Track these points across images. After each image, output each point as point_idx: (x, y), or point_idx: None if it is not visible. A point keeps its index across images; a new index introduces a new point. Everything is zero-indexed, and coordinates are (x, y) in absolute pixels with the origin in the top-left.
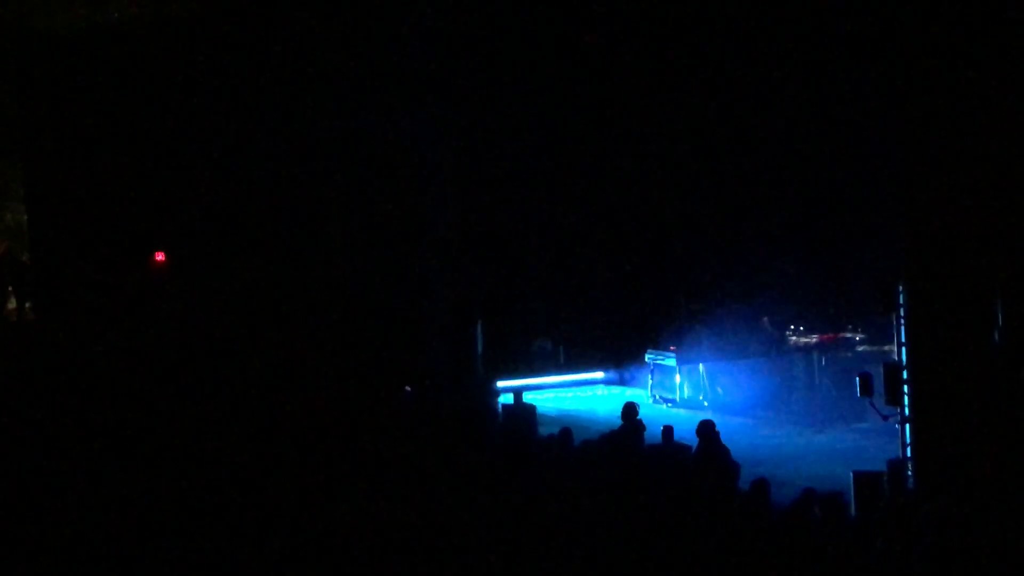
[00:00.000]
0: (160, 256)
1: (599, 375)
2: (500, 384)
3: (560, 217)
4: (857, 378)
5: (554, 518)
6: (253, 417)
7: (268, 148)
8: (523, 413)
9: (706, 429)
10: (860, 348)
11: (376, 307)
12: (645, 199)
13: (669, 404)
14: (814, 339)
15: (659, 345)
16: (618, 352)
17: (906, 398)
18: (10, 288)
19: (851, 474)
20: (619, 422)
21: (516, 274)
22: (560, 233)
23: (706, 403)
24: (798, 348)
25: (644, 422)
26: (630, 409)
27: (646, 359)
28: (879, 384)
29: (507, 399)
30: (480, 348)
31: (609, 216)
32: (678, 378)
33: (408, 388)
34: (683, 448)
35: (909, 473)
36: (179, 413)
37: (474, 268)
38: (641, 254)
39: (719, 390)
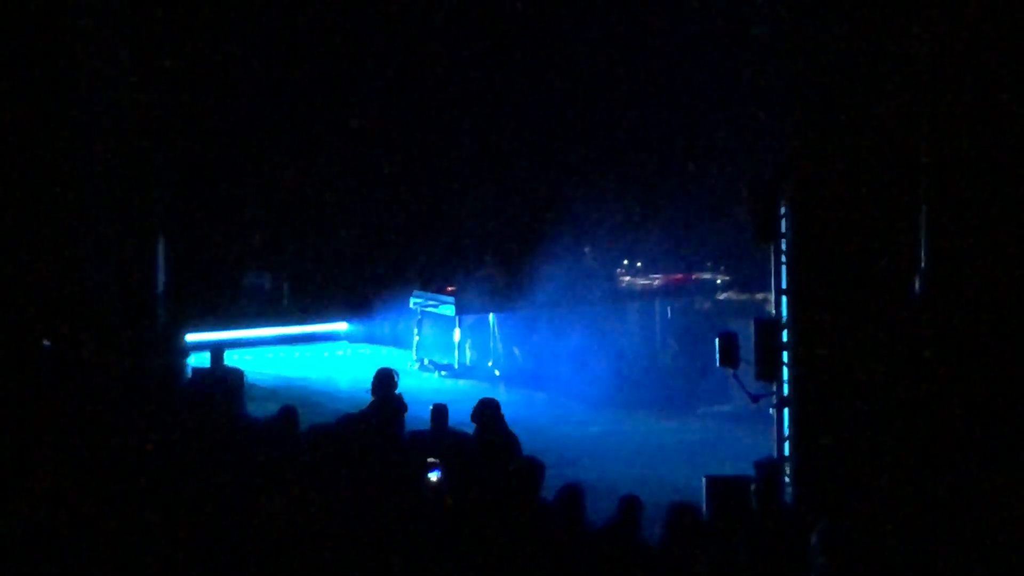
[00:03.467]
0: None
1: (341, 327)
2: (191, 338)
3: (288, 83)
4: (716, 340)
5: (268, 537)
6: None
7: None
8: (225, 382)
9: (485, 413)
10: (722, 296)
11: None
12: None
13: (443, 372)
14: (657, 281)
15: (430, 285)
16: (368, 293)
17: (785, 370)
18: None
19: (703, 479)
20: (368, 398)
21: (219, 169)
22: (287, 109)
23: (498, 372)
24: (634, 294)
25: (405, 398)
26: (385, 379)
27: (411, 304)
28: (747, 349)
29: (201, 360)
30: (161, 282)
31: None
32: (458, 334)
33: (46, 342)
34: (463, 438)
35: (786, 478)
36: None
37: (154, 154)
38: (405, 142)
39: (516, 353)
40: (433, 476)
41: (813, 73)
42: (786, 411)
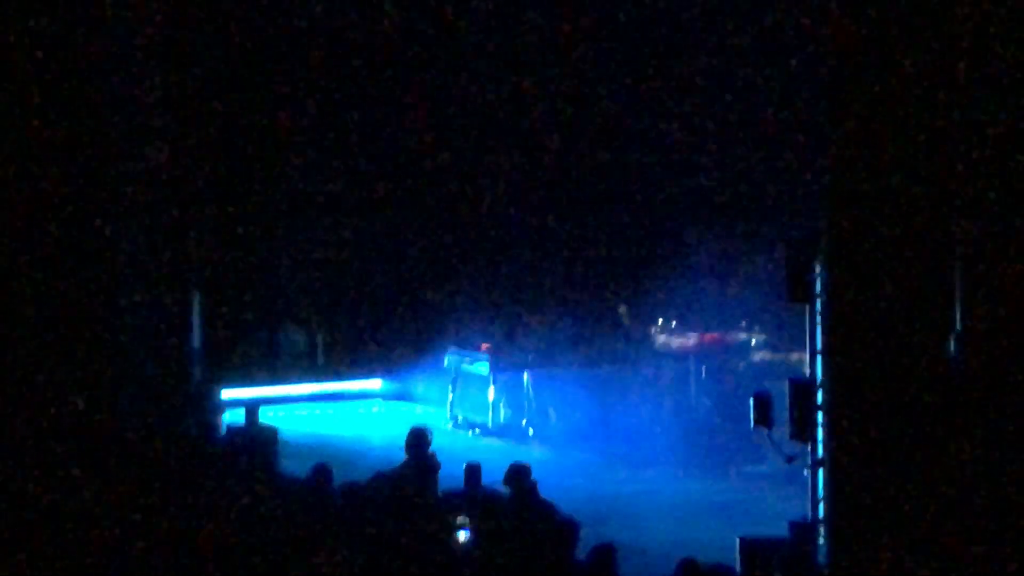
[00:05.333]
0: None
1: (375, 384)
2: (226, 394)
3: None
4: (751, 400)
5: None
6: None
7: None
8: (259, 439)
9: (517, 477)
10: (757, 356)
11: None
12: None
13: (477, 431)
14: (692, 340)
15: (465, 343)
16: (403, 351)
17: (820, 430)
18: None
19: (736, 540)
20: (402, 456)
21: (255, 225)
22: (325, 166)
23: (532, 431)
24: (669, 353)
25: (439, 457)
26: (419, 437)
27: (446, 363)
28: (781, 409)
29: (236, 417)
30: (196, 338)
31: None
32: (492, 393)
33: (80, 404)
34: (497, 496)
35: (821, 541)
36: None
37: (191, 210)
38: (441, 199)
39: (551, 412)
40: (462, 535)
41: (850, 132)
42: (820, 472)
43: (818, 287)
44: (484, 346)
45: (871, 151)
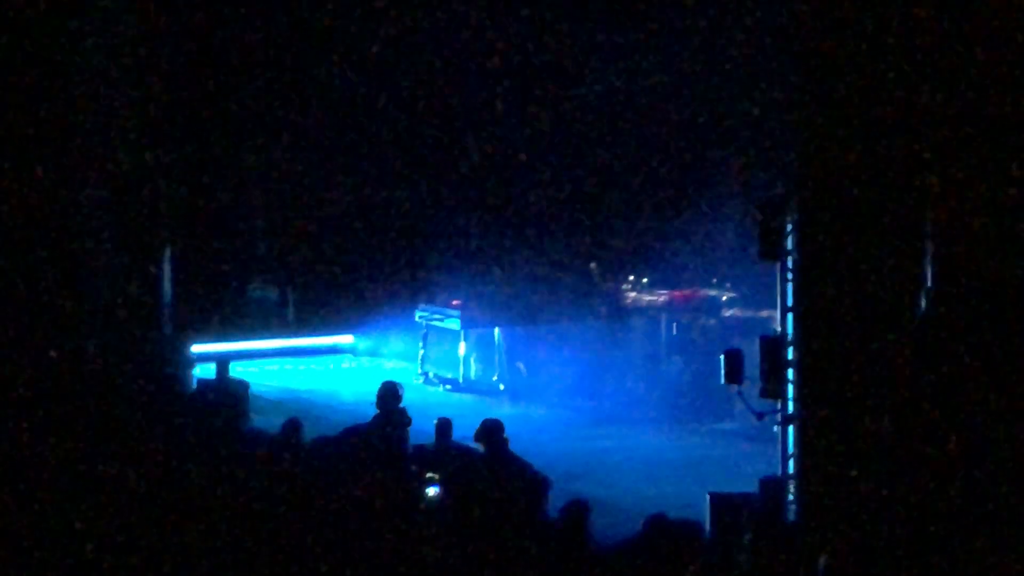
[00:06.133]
0: None
1: (346, 340)
2: (196, 349)
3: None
4: (722, 357)
5: (270, 547)
6: None
7: None
8: (230, 393)
9: (489, 433)
10: (727, 312)
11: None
12: None
13: (448, 386)
14: (662, 297)
15: (436, 298)
16: (374, 306)
17: (790, 388)
18: None
19: (707, 496)
20: (373, 411)
21: (225, 180)
22: (295, 119)
23: (502, 386)
24: (639, 309)
25: (410, 412)
26: (389, 392)
27: (416, 318)
28: (752, 366)
29: (206, 371)
30: (167, 293)
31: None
32: (463, 348)
33: (52, 353)
34: (466, 452)
35: (791, 497)
36: None
37: (160, 165)
38: (415, 155)
39: (521, 367)
40: (432, 491)
41: (819, 89)
42: (790, 428)
43: (789, 244)
44: (455, 302)
45: (840, 108)
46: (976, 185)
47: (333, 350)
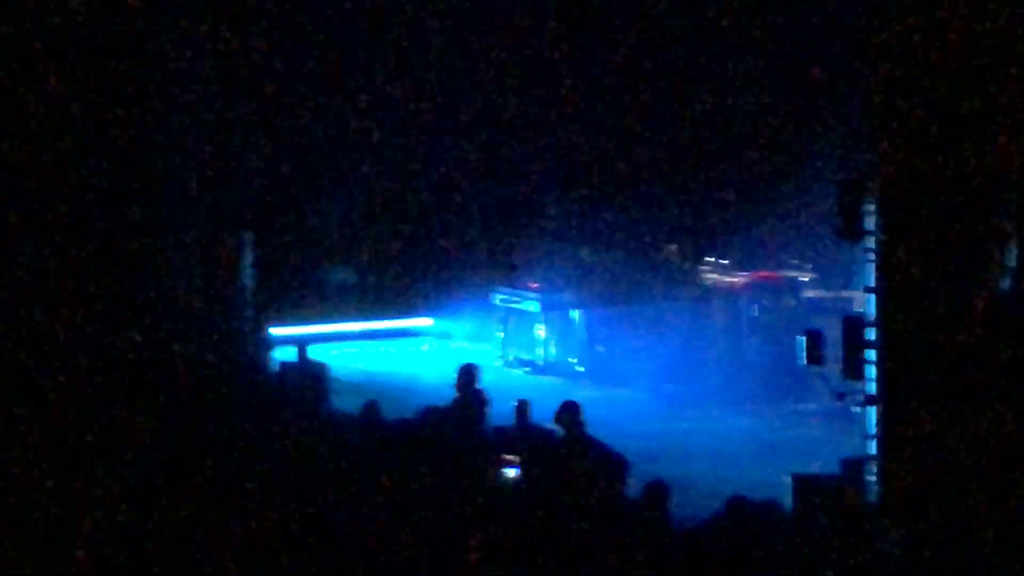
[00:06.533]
0: None
1: (425, 322)
2: (275, 332)
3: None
4: (802, 337)
5: (352, 531)
6: None
7: None
8: (309, 376)
9: (568, 415)
10: (808, 293)
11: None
12: None
13: (528, 369)
14: (742, 278)
15: (515, 281)
16: (453, 289)
17: (873, 369)
18: None
19: (788, 477)
20: (452, 393)
21: (304, 165)
22: (369, 104)
23: (581, 368)
24: (718, 290)
25: (489, 394)
26: (469, 373)
27: (496, 301)
28: (834, 347)
29: (286, 354)
30: (248, 276)
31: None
32: (542, 331)
33: (136, 336)
34: (545, 434)
35: (872, 478)
36: None
37: (240, 152)
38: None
39: (601, 349)
40: (511, 472)
41: (901, 69)
42: (872, 410)
43: (870, 225)
44: (533, 285)
45: (920, 87)
46: None
47: (412, 333)
